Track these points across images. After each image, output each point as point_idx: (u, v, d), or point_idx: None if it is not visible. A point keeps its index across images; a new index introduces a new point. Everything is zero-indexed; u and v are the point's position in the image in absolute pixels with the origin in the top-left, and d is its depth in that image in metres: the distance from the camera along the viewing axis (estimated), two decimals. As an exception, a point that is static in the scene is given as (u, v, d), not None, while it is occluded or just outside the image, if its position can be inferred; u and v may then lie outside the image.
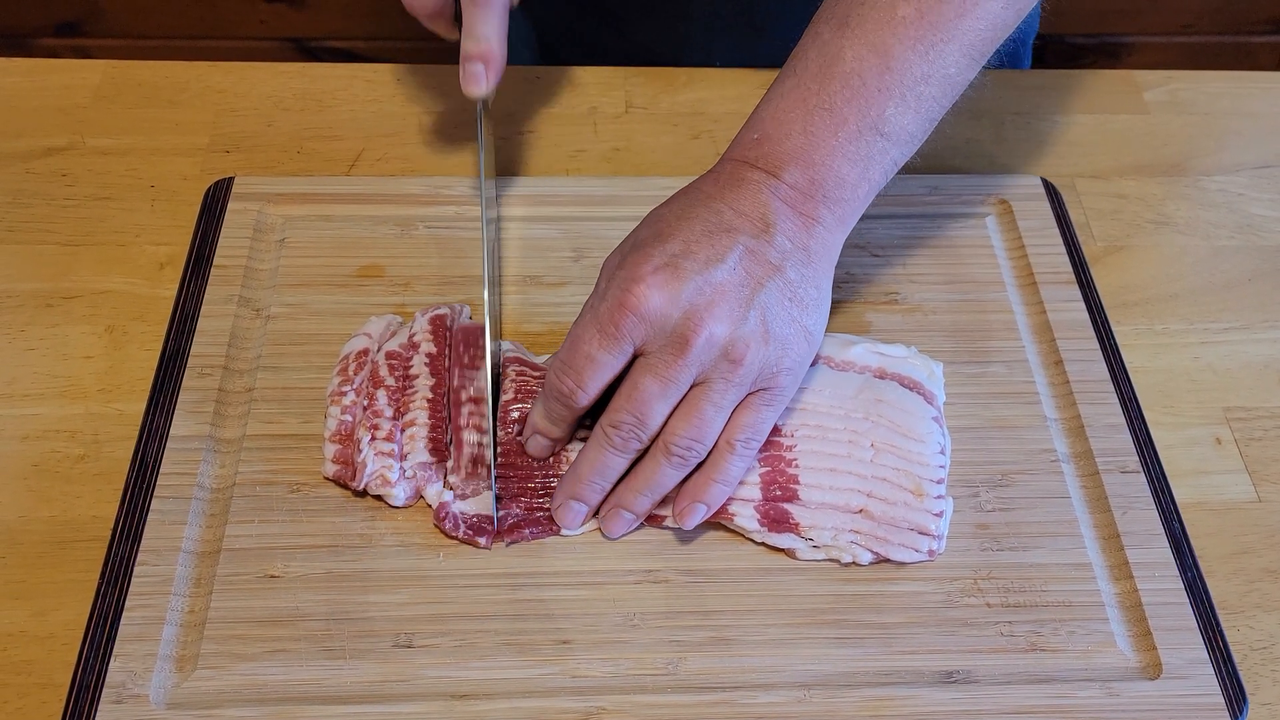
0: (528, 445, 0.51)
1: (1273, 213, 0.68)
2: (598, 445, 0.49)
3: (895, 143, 0.50)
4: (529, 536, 0.50)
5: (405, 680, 0.46)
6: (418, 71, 0.73)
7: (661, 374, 0.47)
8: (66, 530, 0.51)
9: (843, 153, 0.49)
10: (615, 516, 0.50)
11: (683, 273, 0.47)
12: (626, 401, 0.48)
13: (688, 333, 0.47)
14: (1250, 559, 0.53)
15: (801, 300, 0.49)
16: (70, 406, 0.55)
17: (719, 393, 0.48)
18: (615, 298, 0.47)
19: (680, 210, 0.50)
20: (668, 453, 0.48)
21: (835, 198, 0.50)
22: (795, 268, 0.49)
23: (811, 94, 0.49)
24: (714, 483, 0.49)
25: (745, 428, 0.49)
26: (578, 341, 0.48)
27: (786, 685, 0.47)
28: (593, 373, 0.48)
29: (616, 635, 0.48)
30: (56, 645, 0.48)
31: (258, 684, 0.46)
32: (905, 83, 0.49)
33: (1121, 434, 0.55)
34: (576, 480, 0.50)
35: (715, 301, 0.47)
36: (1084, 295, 0.60)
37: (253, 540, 0.50)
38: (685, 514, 0.49)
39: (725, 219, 0.49)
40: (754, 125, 0.51)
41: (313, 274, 0.60)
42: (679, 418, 0.48)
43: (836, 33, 0.50)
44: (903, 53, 0.49)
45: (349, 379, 0.53)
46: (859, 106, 0.49)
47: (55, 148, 0.67)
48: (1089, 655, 0.48)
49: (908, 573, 0.50)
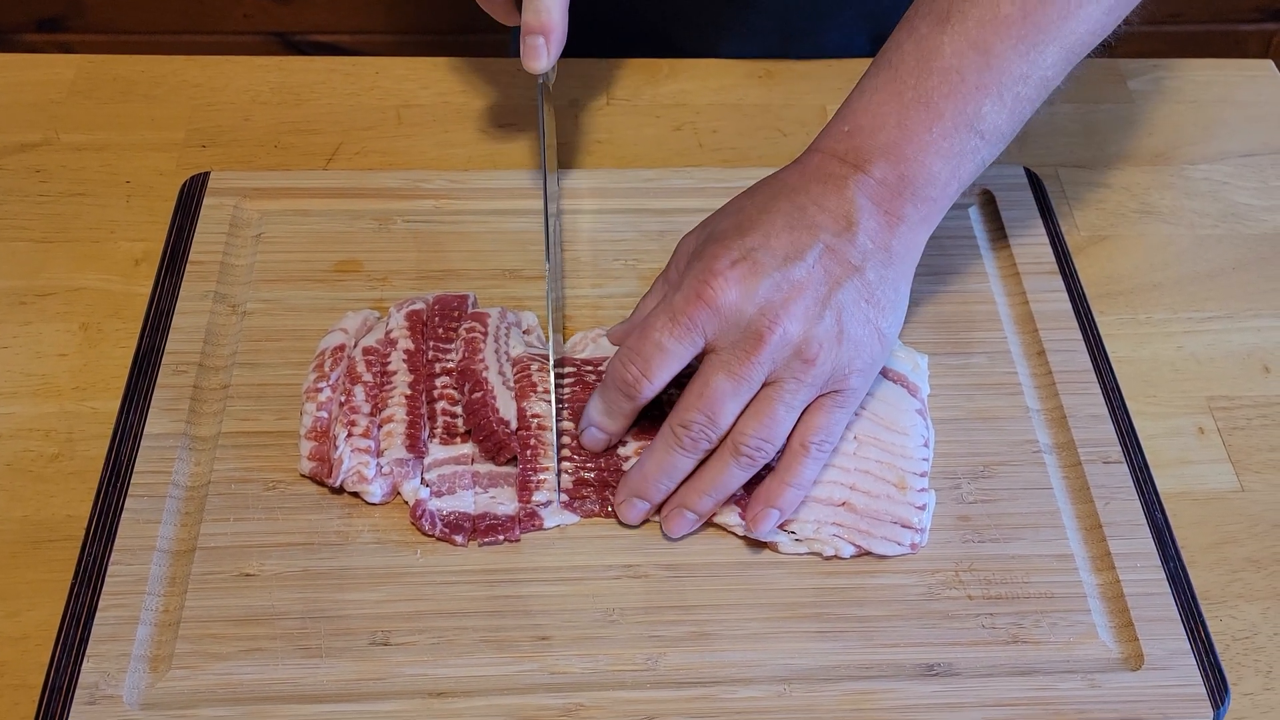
0: (582, 438, 0.51)
1: (1258, 201, 0.68)
2: (665, 444, 0.48)
3: (988, 141, 0.50)
4: (508, 539, 0.50)
5: (382, 678, 0.46)
6: (396, 64, 0.72)
7: (734, 371, 0.47)
8: (40, 530, 0.51)
9: (935, 148, 0.49)
10: (678, 516, 0.49)
11: (760, 268, 0.47)
12: (697, 400, 0.47)
13: (762, 329, 0.46)
14: (1233, 549, 0.53)
15: (878, 302, 0.48)
16: (44, 405, 0.55)
17: (791, 393, 0.47)
18: (690, 288, 0.47)
19: (763, 202, 0.49)
20: (736, 453, 0.48)
21: (924, 195, 0.49)
22: (875, 269, 0.48)
23: (908, 88, 0.49)
24: (788, 486, 0.48)
25: (819, 429, 0.48)
26: (648, 329, 0.47)
27: (766, 680, 0.46)
28: (661, 361, 0.47)
29: (595, 631, 0.48)
30: (30, 646, 0.48)
31: (233, 683, 0.46)
32: (1003, 81, 0.49)
33: (1104, 424, 0.54)
34: (643, 478, 0.49)
35: (791, 299, 0.47)
36: (1067, 285, 0.60)
37: (228, 539, 0.49)
38: (758, 520, 0.48)
39: (808, 214, 0.48)
40: (845, 117, 0.50)
41: (289, 269, 0.59)
42: (750, 417, 0.48)
43: (935, 28, 0.49)
44: (1003, 51, 0.48)
45: (325, 375, 0.53)
46: (956, 102, 0.48)
47: (29, 143, 0.67)
48: (1071, 647, 0.48)
49: (889, 566, 0.50)
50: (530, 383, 0.52)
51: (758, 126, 0.70)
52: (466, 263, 0.60)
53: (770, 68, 0.73)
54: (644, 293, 0.59)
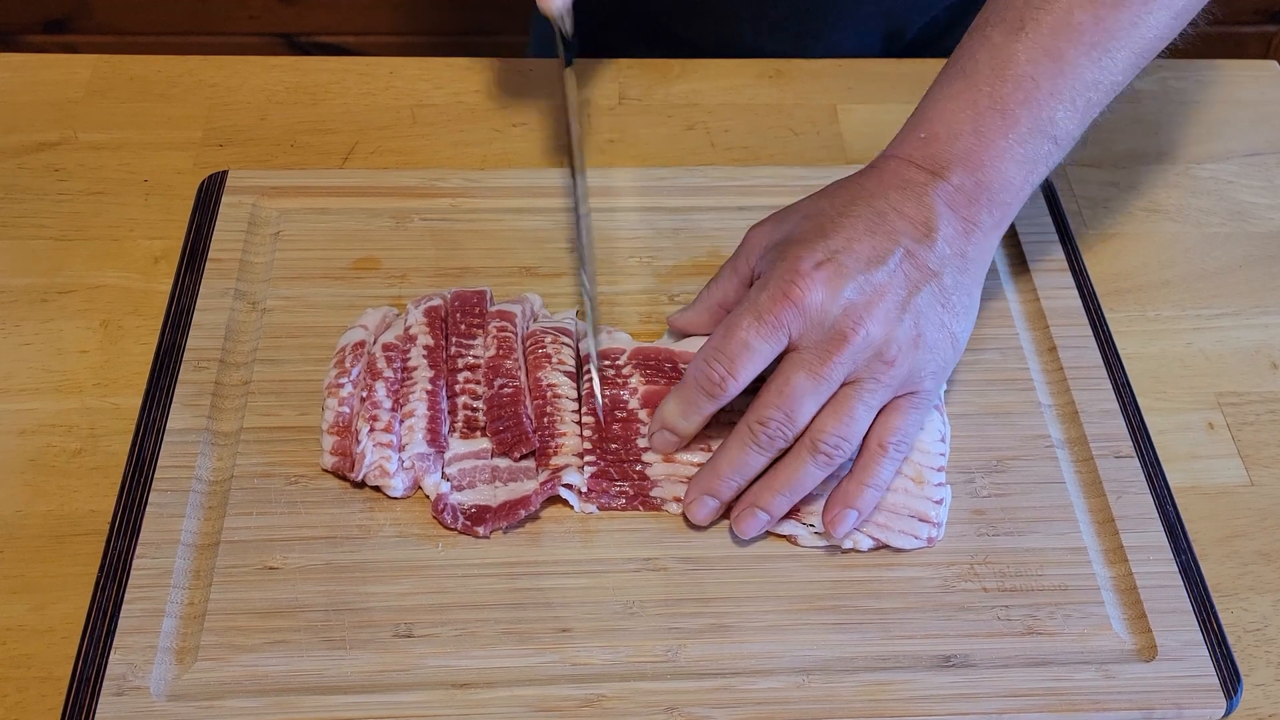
0: (653, 441, 0.51)
1: (1263, 200, 0.68)
2: (740, 442, 0.48)
3: (1060, 146, 0.51)
4: (520, 522, 0.50)
5: (406, 670, 0.47)
6: (410, 65, 0.73)
7: (815, 370, 0.47)
8: (64, 524, 0.51)
9: (1011, 154, 0.49)
10: (750, 516, 0.49)
11: (845, 270, 0.47)
12: (776, 397, 0.48)
13: (846, 330, 0.47)
14: (1243, 542, 0.53)
15: (953, 307, 0.49)
16: (66, 401, 0.55)
17: (870, 392, 0.48)
18: (777, 288, 0.47)
19: (841, 206, 0.50)
20: (815, 450, 0.48)
21: (999, 201, 0.50)
22: (952, 274, 0.49)
23: (983, 95, 0.49)
24: (866, 487, 0.49)
25: (896, 430, 0.49)
26: (733, 328, 0.48)
27: (785, 671, 0.47)
28: (747, 359, 0.48)
29: (616, 623, 0.48)
30: (56, 639, 0.48)
31: (258, 675, 0.46)
32: (1076, 87, 0.49)
33: (1115, 419, 0.55)
34: (715, 476, 0.49)
35: (874, 302, 0.47)
36: (1077, 282, 0.61)
37: (251, 532, 0.50)
38: (837, 521, 0.49)
39: (888, 219, 0.49)
40: (920, 124, 0.51)
41: (308, 267, 0.60)
42: (829, 415, 0.48)
43: (1009, 37, 0.50)
44: (1076, 58, 0.49)
45: (345, 371, 0.53)
46: (1031, 109, 0.49)
47: (47, 143, 0.67)
48: (1085, 638, 0.48)
49: (905, 559, 0.51)
50: (545, 354, 0.53)
51: (769, 126, 0.70)
52: (483, 260, 0.61)
53: (781, 67, 0.74)
54: (660, 289, 0.60)
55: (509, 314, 0.55)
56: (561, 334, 0.55)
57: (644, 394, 0.52)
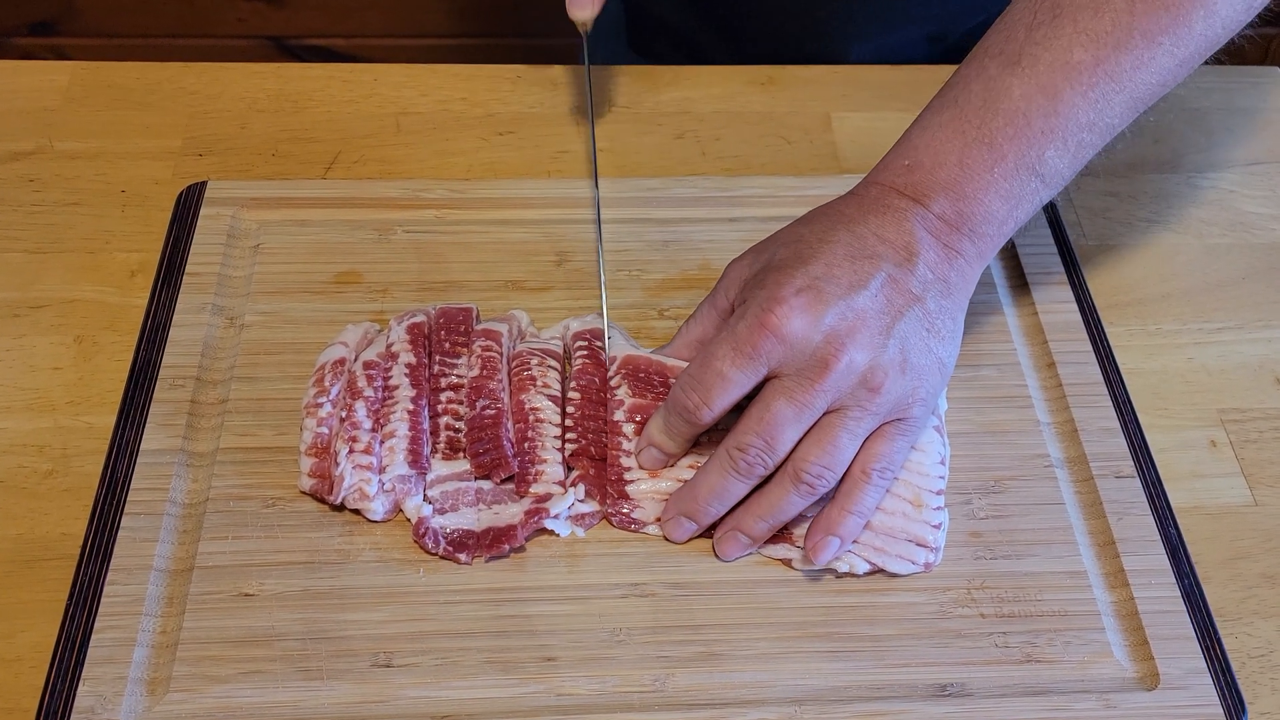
0: (640, 456, 0.50)
1: (1265, 210, 0.67)
2: (720, 467, 0.48)
3: (1048, 185, 0.49)
4: (507, 551, 0.49)
5: (385, 701, 0.45)
6: (394, 71, 0.71)
7: (796, 398, 0.46)
8: (34, 548, 0.50)
9: (996, 189, 0.48)
10: (732, 540, 0.49)
11: (825, 297, 0.46)
12: (756, 424, 0.47)
13: (828, 358, 0.46)
14: (1247, 564, 0.52)
15: (938, 332, 0.48)
16: (38, 420, 0.54)
17: (855, 420, 0.47)
18: (754, 317, 0.46)
19: (821, 232, 0.49)
20: (797, 479, 0.47)
21: (981, 232, 0.49)
22: (935, 299, 0.48)
23: (971, 127, 0.49)
24: (849, 514, 0.48)
25: (881, 457, 0.48)
26: (710, 358, 0.47)
27: (777, 701, 0.46)
28: (722, 391, 0.47)
29: (602, 651, 0.47)
30: (24, 669, 0.46)
31: (232, 707, 0.45)
32: (1069, 128, 0.48)
33: (1116, 438, 0.54)
34: (693, 500, 0.48)
35: (857, 328, 0.46)
36: (1076, 296, 0.59)
37: (227, 557, 0.48)
38: (818, 548, 0.48)
39: (869, 244, 0.48)
40: (905, 152, 0.50)
41: (288, 281, 0.58)
42: (811, 444, 0.47)
43: (1005, 70, 0.49)
44: (1072, 98, 0.48)
45: (325, 390, 0.52)
46: (1020, 145, 0.48)
47: (22, 152, 0.66)
48: (1085, 666, 0.47)
49: (899, 583, 0.49)
50: (529, 376, 0.52)
51: (760, 134, 0.69)
52: (468, 274, 0.59)
53: (772, 74, 0.72)
54: (649, 304, 0.59)
55: (495, 333, 0.53)
56: (548, 355, 0.53)
57: (630, 406, 0.51)
